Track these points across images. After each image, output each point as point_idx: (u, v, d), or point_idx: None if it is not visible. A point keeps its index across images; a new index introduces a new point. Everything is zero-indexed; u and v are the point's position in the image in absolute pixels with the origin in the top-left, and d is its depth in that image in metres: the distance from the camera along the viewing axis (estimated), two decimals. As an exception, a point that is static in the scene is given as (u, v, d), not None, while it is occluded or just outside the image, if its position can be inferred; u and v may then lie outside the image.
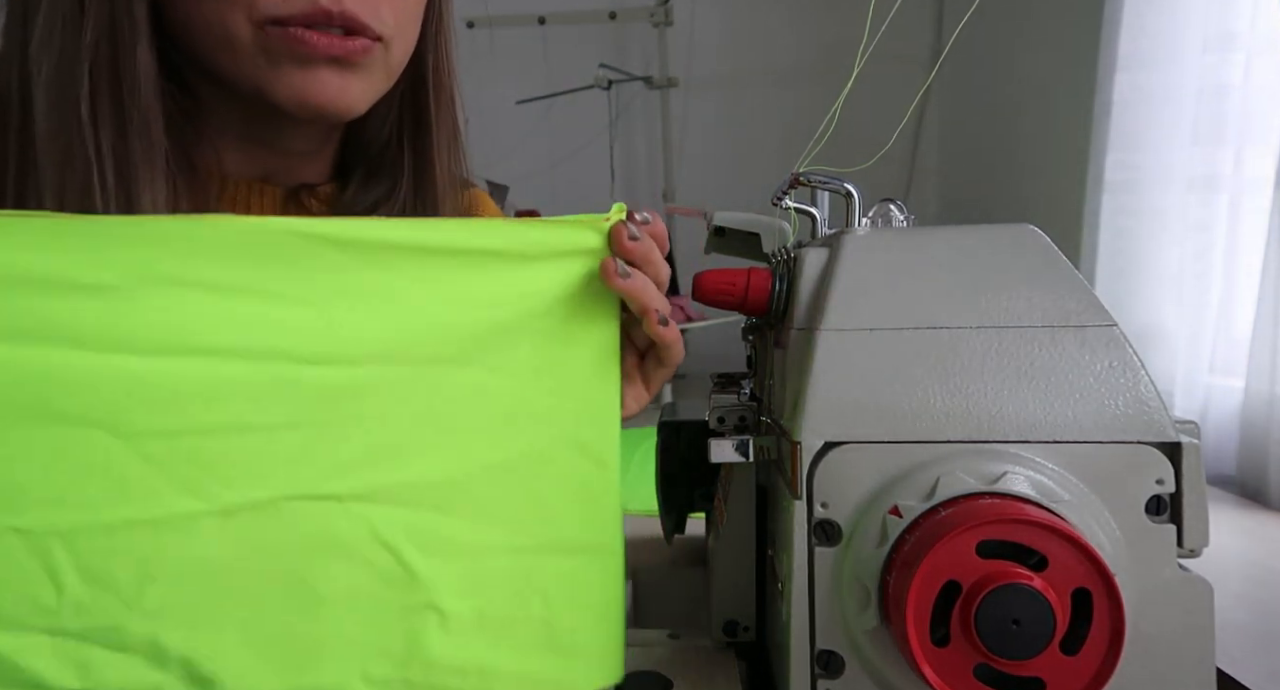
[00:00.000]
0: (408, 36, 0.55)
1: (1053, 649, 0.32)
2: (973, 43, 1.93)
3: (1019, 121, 1.85)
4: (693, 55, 2.21)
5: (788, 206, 0.50)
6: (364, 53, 0.51)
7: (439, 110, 0.59)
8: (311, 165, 0.60)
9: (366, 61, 0.52)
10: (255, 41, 0.49)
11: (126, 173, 0.47)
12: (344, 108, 0.52)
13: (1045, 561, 0.33)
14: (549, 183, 2.27)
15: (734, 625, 0.51)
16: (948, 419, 0.38)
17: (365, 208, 0.58)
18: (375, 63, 0.53)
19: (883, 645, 0.37)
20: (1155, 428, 0.37)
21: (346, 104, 0.52)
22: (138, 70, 0.48)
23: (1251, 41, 1.15)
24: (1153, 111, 1.27)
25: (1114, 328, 0.38)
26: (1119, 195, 1.32)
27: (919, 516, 0.36)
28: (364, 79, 0.53)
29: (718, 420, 0.49)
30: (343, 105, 0.52)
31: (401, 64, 0.56)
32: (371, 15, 0.50)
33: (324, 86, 0.51)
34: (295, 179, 0.59)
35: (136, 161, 0.47)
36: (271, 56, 0.49)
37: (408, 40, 0.55)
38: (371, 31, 0.51)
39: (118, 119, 0.47)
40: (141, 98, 0.48)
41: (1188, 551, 0.37)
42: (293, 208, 0.59)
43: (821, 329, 0.39)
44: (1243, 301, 1.16)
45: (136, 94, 0.48)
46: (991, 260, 0.40)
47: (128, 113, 0.47)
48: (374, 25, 0.51)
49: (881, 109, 1.24)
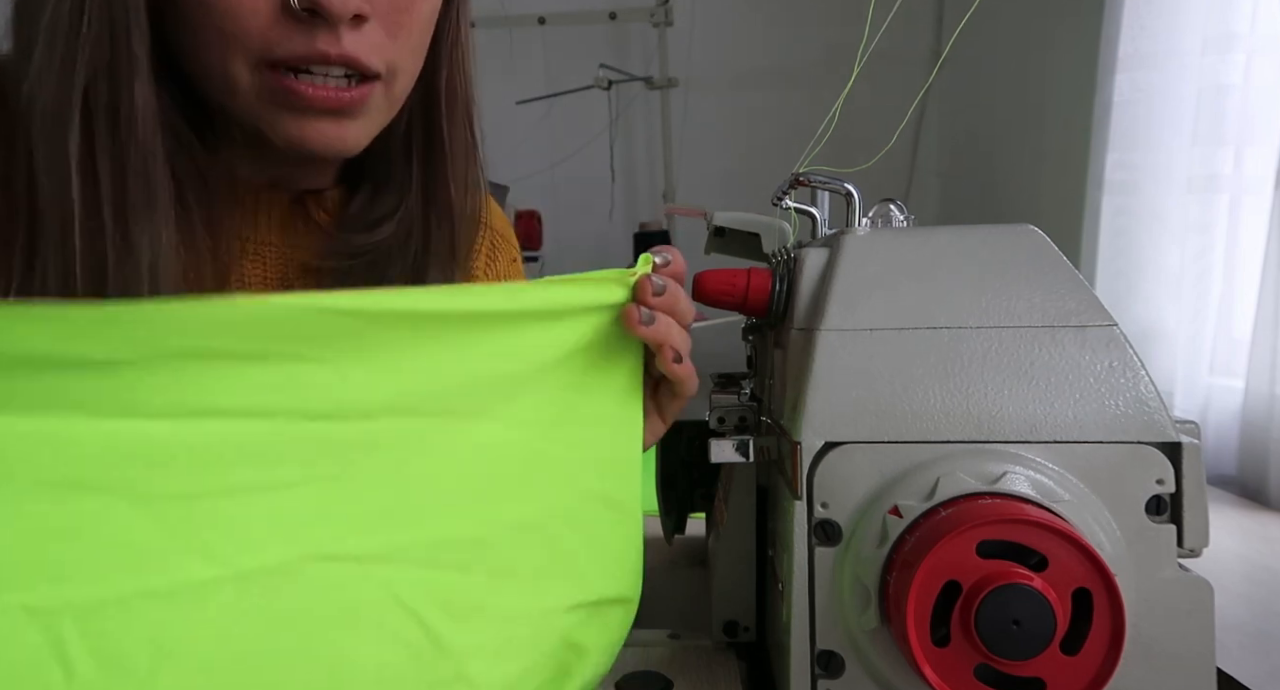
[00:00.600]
0: (411, 68, 0.54)
1: (1053, 649, 0.32)
2: (973, 43, 1.93)
3: (1019, 122, 1.85)
4: (693, 56, 2.21)
5: (788, 207, 0.50)
6: (361, 101, 0.51)
7: (452, 127, 0.58)
8: (319, 173, 0.60)
9: (365, 108, 0.51)
10: (254, 86, 0.49)
11: (123, 215, 0.47)
12: (341, 150, 0.52)
13: (1045, 561, 0.33)
14: (549, 183, 2.27)
15: (734, 625, 0.51)
16: (948, 419, 0.38)
17: (370, 222, 0.58)
18: (374, 104, 0.52)
19: (883, 645, 0.37)
20: (1155, 428, 0.37)
21: (343, 147, 0.52)
22: (135, 106, 0.47)
23: (1251, 42, 1.15)
24: (1153, 112, 1.27)
25: (1114, 328, 0.38)
26: (1119, 195, 1.32)
27: (919, 516, 0.36)
28: (362, 123, 0.52)
29: (718, 420, 0.49)
30: (340, 149, 0.52)
31: (405, 93, 0.55)
32: (373, 54, 0.49)
33: (320, 134, 0.51)
34: (301, 185, 0.59)
35: (134, 204, 0.47)
36: (269, 104, 0.49)
37: (412, 71, 0.54)
38: (371, 71, 0.50)
39: (115, 156, 0.47)
40: (139, 133, 0.47)
41: (1188, 551, 0.37)
42: (299, 213, 0.58)
43: (822, 329, 0.39)
44: (1243, 301, 1.16)
45: (134, 130, 0.47)
46: (992, 260, 0.40)
47: (125, 150, 0.47)
48: (374, 65, 0.50)
49: (882, 109, 1.24)
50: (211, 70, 0.49)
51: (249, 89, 0.49)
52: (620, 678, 0.47)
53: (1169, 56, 1.24)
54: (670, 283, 0.43)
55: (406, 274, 0.57)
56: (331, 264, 0.55)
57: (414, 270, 0.57)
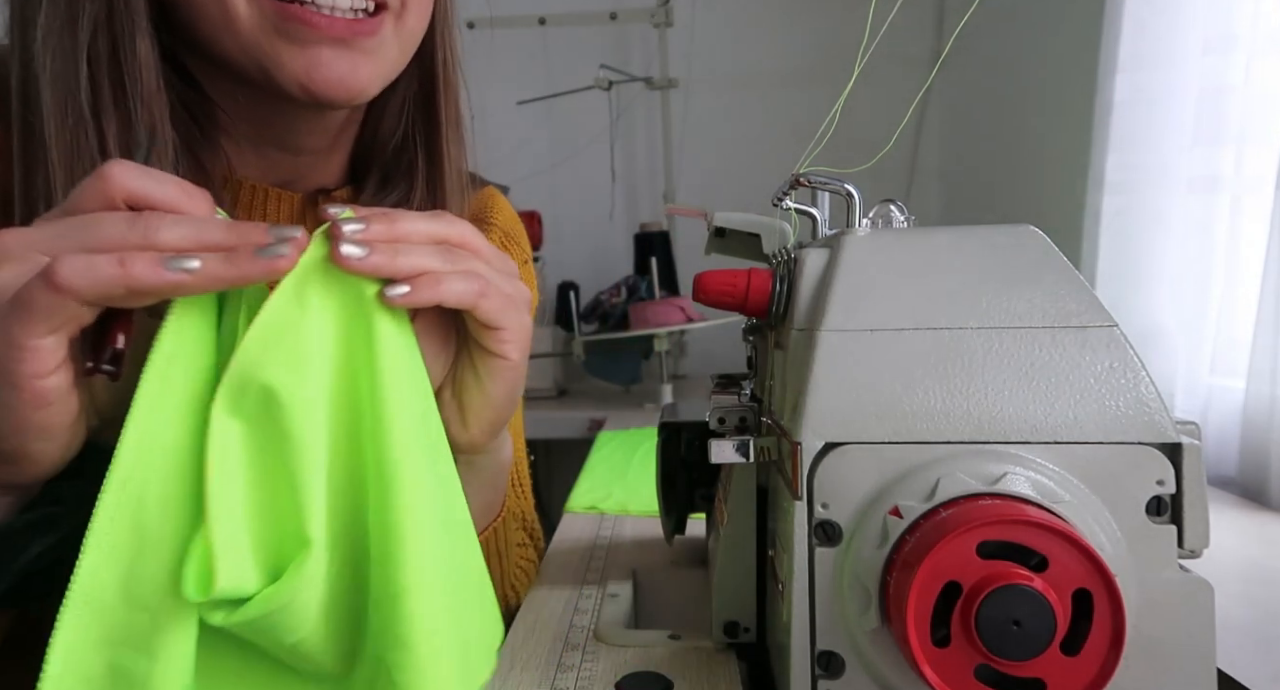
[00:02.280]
0: (423, 5, 0.52)
1: (1053, 650, 0.32)
2: (973, 43, 1.93)
3: (1020, 122, 1.85)
4: (693, 56, 2.21)
5: (788, 207, 0.50)
6: (372, 33, 0.49)
7: (448, 108, 0.58)
8: (326, 167, 0.60)
9: (376, 41, 0.49)
10: (255, 19, 0.47)
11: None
12: (355, 89, 0.49)
13: (1046, 562, 0.33)
14: (549, 183, 2.27)
15: (735, 626, 0.51)
16: (948, 420, 0.38)
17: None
18: (385, 41, 0.50)
19: (883, 646, 0.37)
20: (1156, 428, 0.37)
21: (358, 86, 0.49)
22: (138, 61, 0.46)
23: (1252, 43, 1.15)
24: (1153, 112, 1.27)
25: (1114, 328, 0.38)
26: (1119, 196, 1.32)
27: (919, 517, 0.36)
28: (374, 60, 0.50)
29: (718, 421, 0.49)
30: (354, 87, 0.49)
31: (417, 37, 0.53)
32: None
33: (330, 68, 0.48)
34: (311, 183, 0.59)
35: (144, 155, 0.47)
36: (272, 36, 0.47)
37: (423, 10, 0.53)
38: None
39: (121, 112, 0.46)
40: (143, 89, 0.46)
41: (1188, 552, 0.37)
42: (311, 213, 0.58)
43: (822, 330, 0.39)
44: (1244, 302, 1.16)
45: (138, 85, 0.46)
46: (992, 261, 0.40)
47: (131, 104, 0.46)
48: None
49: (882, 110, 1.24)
50: (208, 6, 0.47)
51: (248, 20, 0.47)
52: (620, 678, 0.47)
53: (1169, 57, 1.24)
54: (373, 212, 0.37)
55: None
56: None
57: None
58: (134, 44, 0.46)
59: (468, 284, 0.38)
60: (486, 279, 0.39)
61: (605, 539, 0.77)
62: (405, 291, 0.36)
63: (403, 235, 0.37)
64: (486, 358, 0.42)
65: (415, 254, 0.37)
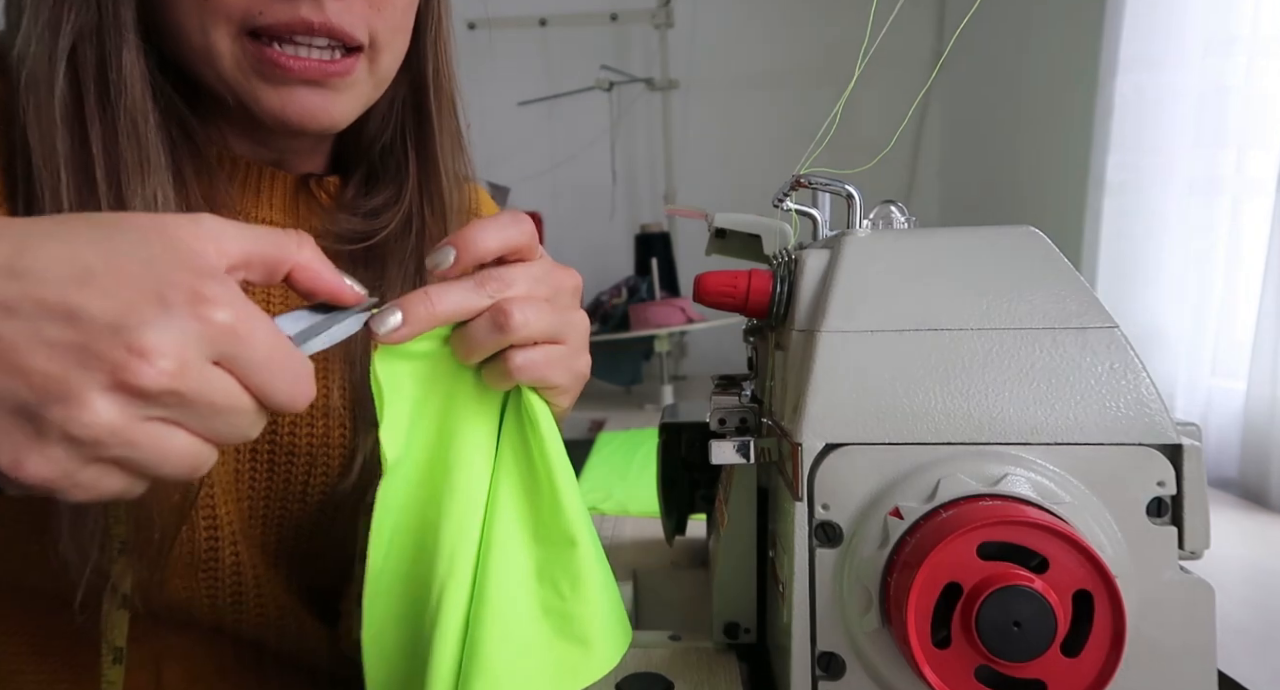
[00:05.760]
0: (397, 44, 0.54)
1: (1054, 651, 0.32)
2: (974, 44, 1.93)
3: (1020, 123, 1.85)
4: (694, 57, 2.21)
5: (789, 208, 0.50)
6: (345, 73, 0.50)
7: (440, 113, 0.59)
8: (312, 156, 0.60)
9: (349, 81, 0.51)
10: (236, 56, 0.48)
11: (115, 175, 0.47)
12: (326, 125, 0.51)
13: (1046, 563, 0.33)
14: (550, 184, 2.27)
15: (735, 627, 0.51)
16: (948, 421, 0.38)
17: (371, 211, 0.58)
18: (359, 79, 0.52)
19: (884, 647, 0.37)
20: (1156, 430, 0.37)
21: (329, 121, 0.51)
22: (124, 73, 0.47)
23: (1253, 44, 1.15)
24: (1154, 113, 1.27)
25: (1115, 329, 0.38)
26: (1120, 197, 1.32)
27: (920, 518, 0.36)
28: (348, 97, 0.52)
29: (719, 422, 0.49)
30: (325, 122, 0.51)
31: (391, 72, 0.55)
32: (356, 24, 0.49)
33: (302, 106, 0.50)
34: (299, 167, 0.59)
35: (127, 164, 0.47)
36: (250, 74, 0.49)
37: (398, 48, 0.54)
38: (355, 41, 0.50)
39: (106, 118, 0.47)
40: (129, 100, 0.47)
41: (1189, 554, 0.37)
42: (303, 195, 0.59)
43: (822, 331, 0.39)
44: (1244, 303, 1.16)
45: (124, 96, 0.47)
46: (993, 262, 0.40)
47: (116, 114, 0.47)
48: (358, 35, 0.50)
49: (882, 111, 1.25)
50: (191, 38, 0.48)
51: (229, 58, 0.48)
52: (621, 679, 0.47)
53: (1170, 58, 1.24)
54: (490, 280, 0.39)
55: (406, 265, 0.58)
56: (333, 247, 0.55)
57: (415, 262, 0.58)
58: (121, 56, 0.47)
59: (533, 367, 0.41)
60: (543, 357, 0.41)
61: (606, 540, 0.77)
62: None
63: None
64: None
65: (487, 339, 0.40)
